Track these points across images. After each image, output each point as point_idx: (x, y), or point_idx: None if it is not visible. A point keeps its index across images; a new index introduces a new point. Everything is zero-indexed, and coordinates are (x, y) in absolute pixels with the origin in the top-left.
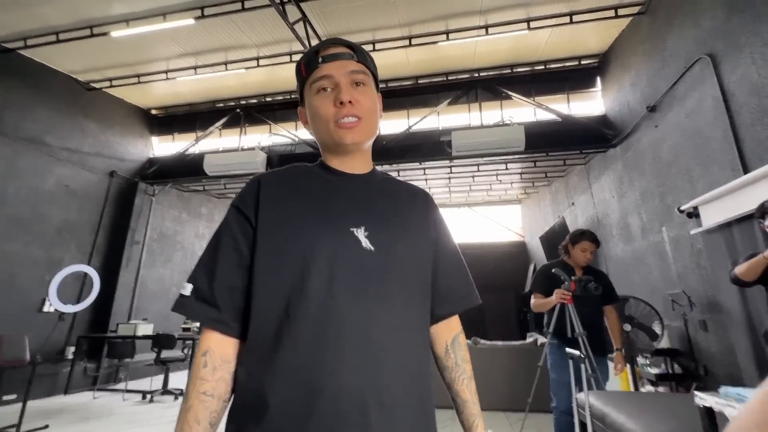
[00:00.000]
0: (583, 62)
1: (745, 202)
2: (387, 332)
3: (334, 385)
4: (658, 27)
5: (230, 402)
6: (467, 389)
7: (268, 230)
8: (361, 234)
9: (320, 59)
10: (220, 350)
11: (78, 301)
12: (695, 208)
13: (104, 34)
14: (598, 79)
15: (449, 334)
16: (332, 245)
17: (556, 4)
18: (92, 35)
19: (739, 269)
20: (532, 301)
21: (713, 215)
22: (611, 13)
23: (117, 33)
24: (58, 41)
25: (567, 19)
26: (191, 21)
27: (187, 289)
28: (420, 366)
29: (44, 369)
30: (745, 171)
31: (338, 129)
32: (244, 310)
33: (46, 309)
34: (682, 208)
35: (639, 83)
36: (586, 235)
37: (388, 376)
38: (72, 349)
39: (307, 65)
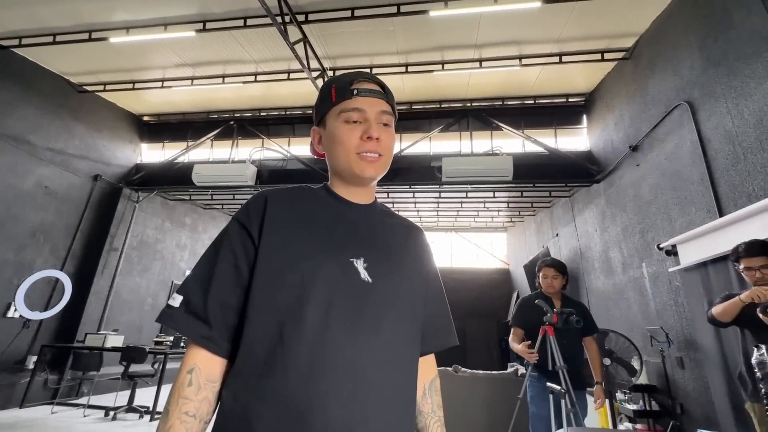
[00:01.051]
0: (570, 100)
1: (721, 244)
2: (378, 366)
3: (323, 418)
4: (640, 72)
5: (211, 424)
6: None
7: (269, 251)
8: (360, 265)
9: (354, 91)
10: (206, 369)
11: (46, 307)
12: (673, 246)
13: (103, 39)
14: (584, 116)
15: (427, 377)
16: (332, 273)
17: (547, 44)
18: (90, 39)
19: (716, 310)
20: (510, 336)
21: (690, 254)
22: (598, 56)
23: (116, 39)
24: (55, 42)
25: (557, 58)
26: (192, 33)
27: (177, 301)
28: (407, 401)
29: (1, 379)
30: (721, 214)
31: (360, 161)
32: (236, 330)
33: (10, 314)
34: (661, 245)
35: (622, 123)
36: (546, 261)
37: (376, 411)
38: (34, 358)
39: (339, 92)
